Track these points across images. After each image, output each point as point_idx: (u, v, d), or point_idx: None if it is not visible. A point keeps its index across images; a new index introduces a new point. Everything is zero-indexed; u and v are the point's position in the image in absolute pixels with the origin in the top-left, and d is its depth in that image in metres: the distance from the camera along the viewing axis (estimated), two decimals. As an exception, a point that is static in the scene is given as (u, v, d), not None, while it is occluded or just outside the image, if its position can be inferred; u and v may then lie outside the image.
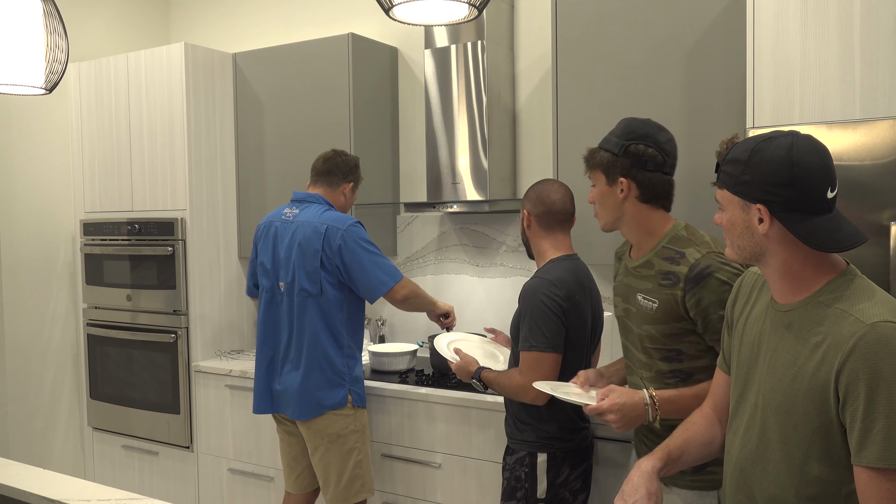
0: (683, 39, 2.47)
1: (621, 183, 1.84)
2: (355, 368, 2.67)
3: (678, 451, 1.54)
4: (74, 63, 3.71)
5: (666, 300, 1.78)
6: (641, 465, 1.49)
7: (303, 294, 2.61)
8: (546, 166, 3.08)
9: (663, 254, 1.83)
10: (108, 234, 3.60)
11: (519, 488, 2.17)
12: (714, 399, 1.60)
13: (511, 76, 3.17)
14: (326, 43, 3.28)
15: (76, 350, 3.83)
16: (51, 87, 1.58)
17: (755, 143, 1.30)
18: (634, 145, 1.83)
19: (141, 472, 3.61)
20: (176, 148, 3.39)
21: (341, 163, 2.75)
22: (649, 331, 1.83)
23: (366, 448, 2.68)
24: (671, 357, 1.83)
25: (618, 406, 1.74)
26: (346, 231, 2.58)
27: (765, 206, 1.27)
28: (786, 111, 2.12)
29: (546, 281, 2.10)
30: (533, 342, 2.07)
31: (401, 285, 2.63)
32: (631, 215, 1.86)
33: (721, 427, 1.57)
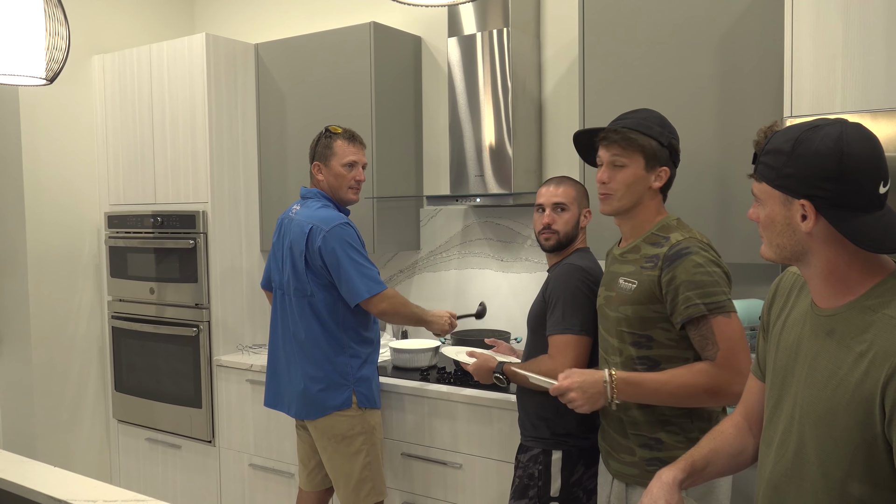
0: (716, 24, 2.35)
1: (660, 172, 1.85)
2: (359, 369, 2.58)
3: (703, 461, 1.44)
4: (99, 55, 3.70)
5: (645, 281, 1.79)
6: (662, 476, 1.40)
7: (298, 294, 2.56)
8: (572, 158, 2.97)
9: (651, 239, 1.84)
10: (131, 227, 3.60)
11: (531, 486, 2.12)
12: (746, 407, 1.49)
13: (537, 65, 3.07)
14: (348, 32, 3.22)
15: (101, 342, 3.84)
16: (52, 77, 1.54)
17: (799, 133, 1.18)
18: (675, 140, 1.87)
19: (164, 465, 3.61)
20: (198, 140, 3.36)
21: (309, 149, 2.65)
22: (625, 312, 1.82)
23: (375, 450, 2.60)
24: (641, 343, 1.82)
25: (577, 384, 1.77)
26: (329, 232, 2.46)
27: (809, 202, 1.16)
28: (826, 99, 1.99)
29: (577, 267, 2.11)
30: (567, 325, 2.05)
31: (380, 298, 2.48)
32: (646, 203, 1.87)
33: (753, 437, 1.46)
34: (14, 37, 1.44)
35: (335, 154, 2.58)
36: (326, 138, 2.60)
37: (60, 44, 1.48)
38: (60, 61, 1.50)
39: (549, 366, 2.05)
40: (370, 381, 2.61)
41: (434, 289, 3.41)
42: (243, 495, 3.35)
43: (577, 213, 2.20)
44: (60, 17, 1.49)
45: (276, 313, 2.68)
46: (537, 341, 2.17)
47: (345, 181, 2.60)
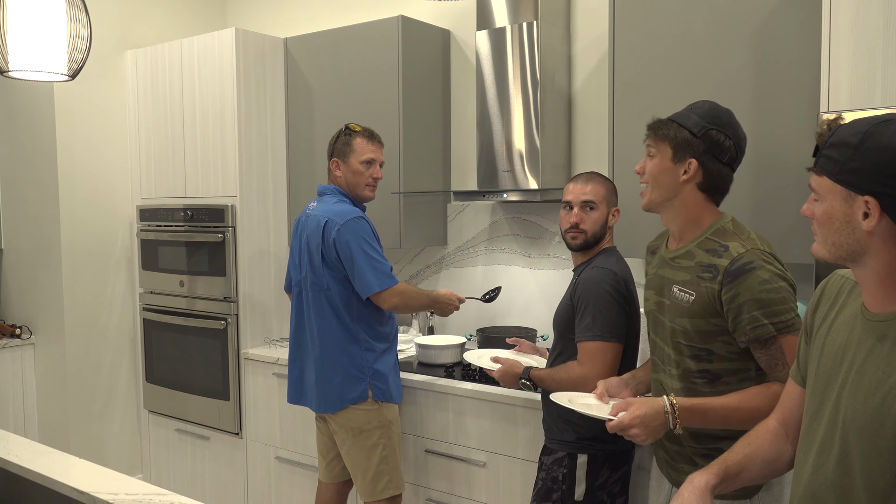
0: (751, 16, 2.28)
1: (689, 164, 1.71)
2: (376, 363, 2.59)
3: (737, 466, 1.39)
4: (132, 50, 3.74)
5: (703, 293, 1.67)
6: (694, 480, 1.35)
7: (315, 288, 2.58)
8: (602, 154, 2.93)
9: (706, 245, 1.71)
10: (162, 220, 3.64)
11: (555, 489, 2.09)
12: (783, 412, 1.43)
13: (567, 58, 3.01)
14: (377, 26, 3.20)
15: (133, 334, 3.89)
16: (74, 72, 1.54)
17: (868, 126, 1.12)
18: (716, 131, 1.71)
19: (193, 456, 3.65)
20: (227, 134, 3.38)
21: (328, 146, 2.68)
22: (683, 325, 1.71)
23: (392, 444, 2.61)
24: (701, 356, 1.71)
25: (639, 419, 1.63)
26: (344, 225, 2.49)
27: (874, 199, 1.10)
28: (865, 93, 1.92)
29: (608, 271, 2.06)
30: (597, 332, 2.00)
31: (390, 293, 2.50)
32: (684, 200, 1.74)
33: (790, 443, 1.41)
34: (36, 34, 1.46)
35: (354, 151, 2.61)
36: (346, 136, 2.63)
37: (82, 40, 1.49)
38: (82, 57, 1.51)
39: (578, 373, 2.02)
40: (387, 376, 2.62)
41: (460, 284, 3.39)
42: (269, 488, 3.37)
43: (606, 213, 2.14)
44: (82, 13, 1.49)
45: (296, 310, 2.71)
46: (564, 344, 2.13)
47: (362, 178, 2.62)
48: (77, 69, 1.53)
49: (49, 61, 1.48)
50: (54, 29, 1.47)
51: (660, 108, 2.46)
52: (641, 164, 1.79)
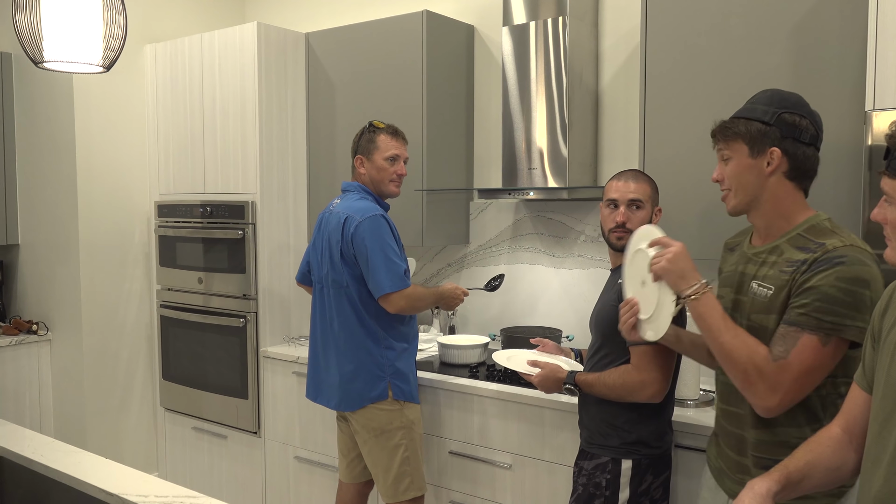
0: (791, 10, 2.23)
1: (771, 154, 1.62)
2: (396, 361, 2.56)
3: (799, 473, 1.33)
4: (151, 44, 3.71)
5: (782, 286, 1.57)
6: (755, 487, 1.30)
7: (335, 285, 2.56)
8: (631, 152, 2.88)
9: (797, 242, 1.60)
10: (181, 217, 3.60)
11: (597, 495, 2.03)
12: (847, 419, 1.37)
13: (594, 55, 2.96)
14: (400, 21, 3.16)
15: (150, 331, 3.86)
16: (108, 64, 1.51)
17: None
18: (788, 114, 1.62)
19: (210, 454, 3.62)
20: (248, 130, 3.34)
21: (351, 145, 2.67)
22: (760, 321, 1.61)
23: (414, 445, 2.58)
24: None
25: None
26: (362, 222, 2.47)
27: None
28: (913, 91, 1.87)
29: None
30: None
31: (399, 296, 2.46)
32: (773, 193, 1.64)
33: (854, 451, 1.35)
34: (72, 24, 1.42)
35: (378, 148, 2.59)
36: (370, 132, 2.62)
37: (117, 31, 1.45)
38: (117, 49, 1.48)
39: (636, 378, 1.97)
40: (407, 376, 2.59)
41: (483, 284, 3.34)
42: (288, 487, 3.33)
43: (650, 212, 2.09)
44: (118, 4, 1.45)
45: (316, 307, 2.69)
46: (611, 347, 2.07)
47: (387, 174, 2.61)
48: (113, 60, 1.50)
49: (84, 52, 1.44)
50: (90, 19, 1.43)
51: (693, 106, 2.42)
52: (718, 172, 1.71)
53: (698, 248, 2.45)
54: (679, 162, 2.46)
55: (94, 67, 1.52)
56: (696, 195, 2.44)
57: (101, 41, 1.45)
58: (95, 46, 1.46)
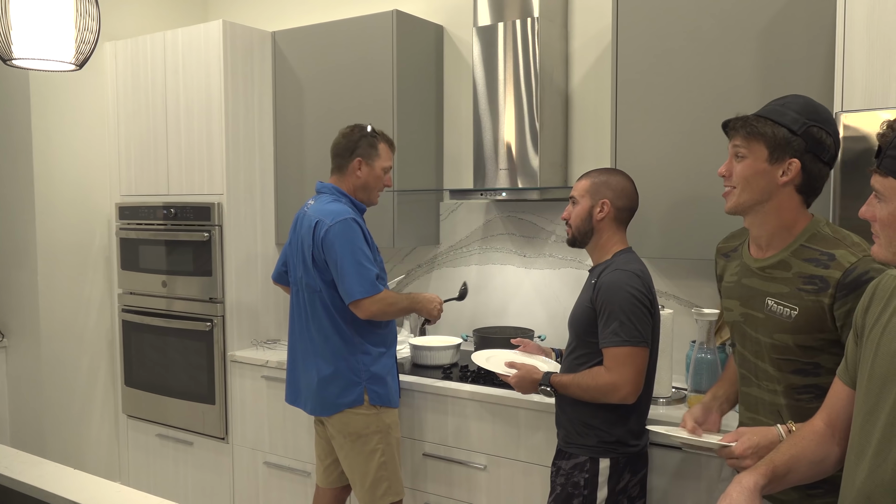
0: (761, 12, 2.27)
1: (789, 164, 1.59)
2: (372, 366, 2.52)
3: (785, 467, 1.37)
4: (111, 42, 3.61)
5: (809, 308, 1.57)
6: (742, 481, 1.32)
7: (309, 289, 2.52)
8: (601, 153, 2.90)
9: (803, 254, 1.61)
10: (143, 219, 3.51)
11: (576, 495, 2.04)
12: (829, 412, 1.41)
13: (564, 55, 2.98)
14: (369, 20, 3.13)
15: (111, 336, 3.76)
16: (81, 62, 1.45)
17: None
18: (817, 128, 1.59)
19: (175, 462, 3.54)
20: (213, 130, 3.27)
21: (344, 142, 2.58)
22: (784, 340, 1.62)
23: (391, 449, 2.55)
24: (807, 370, 1.62)
25: (752, 450, 1.53)
26: (332, 226, 2.42)
27: None
28: (880, 93, 1.91)
29: (630, 273, 2.01)
30: (625, 336, 1.95)
31: (371, 301, 2.40)
32: (779, 204, 1.62)
33: (837, 444, 1.39)
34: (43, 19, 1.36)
35: (379, 156, 2.58)
36: (372, 137, 2.58)
37: (91, 25, 1.40)
38: (91, 45, 1.42)
39: (607, 379, 1.97)
40: (384, 380, 2.55)
41: (453, 284, 3.33)
42: (257, 494, 3.28)
43: (588, 205, 2.10)
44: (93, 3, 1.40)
45: (293, 309, 2.65)
46: (586, 349, 2.07)
47: (380, 183, 2.60)
48: (86, 57, 1.44)
49: (56, 49, 1.39)
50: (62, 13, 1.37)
51: (664, 106, 2.44)
52: (727, 167, 1.67)
53: (667, 246, 2.49)
54: (651, 161, 2.48)
55: (67, 65, 1.45)
56: (667, 194, 2.46)
57: (74, 37, 1.40)
58: (67, 43, 1.40)
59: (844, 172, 1.92)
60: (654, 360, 2.11)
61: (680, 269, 2.77)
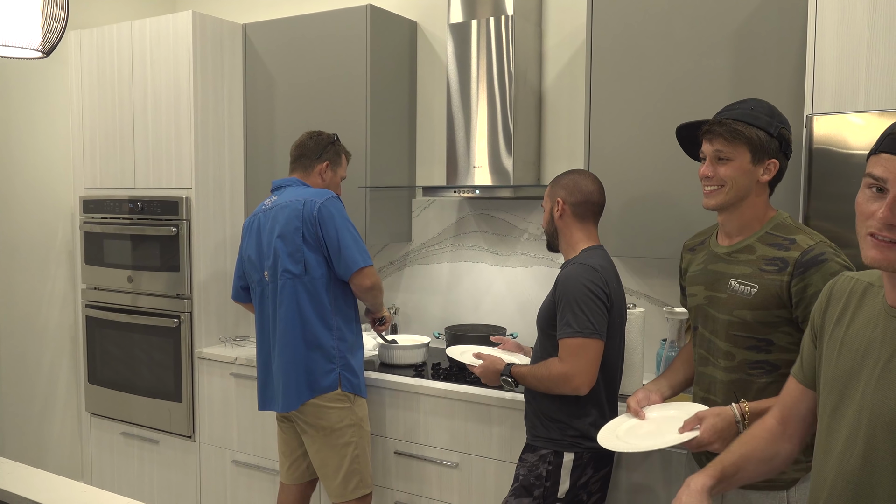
0: (732, 14, 2.29)
1: (769, 164, 1.73)
2: (347, 354, 2.54)
3: (733, 467, 1.41)
4: (76, 31, 3.52)
5: (769, 286, 1.68)
6: (691, 484, 1.36)
7: (286, 276, 2.51)
8: (574, 151, 2.91)
9: (768, 240, 1.73)
10: (108, 213, 3.44)
11: (537, 486, 2.06)
12: (782, 410, 1.44)
13: (538, 54, 2.98)
14: (342, 14, 3.10)
15: (74, 332, 3.68)
16: (48, 49, 1.41)
17: None
18: (785, 130, 1.74)
19: (140, 460, 3.47)
20: (181, 123, 3.21)
21: (313, 144, 2.64)
22: (743, 316, 1.72)
23: (363, 442, 2.57)
24: (760, 347, 1.72)
25: (716, 436, 1.65)
26: (324, 203, 2.49)
27: None
28: (849, 97, 1.95)
29: (587, 267, 2.03)
30: (577, 328, 1.97)
31: (371, 271, 2.53)
32: (755, 198, 1.75)
33: (788, 441, 1.42)
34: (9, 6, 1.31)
35: (341, 165, 2.71)
36: (338, 146, 2.69)
37: (59, 13, 1.35)
38: (59, 32, 1.38)
39: (559, 369, 2.00)
40: (356, 370, 2.57)
41: (425, 282, 3.33)
42: (225, 492, 3.23)
43: (549, 208, 2.16)
44: (59, -17, 1.36)
45: (260, 313, 2.62)
46: (547, 342, 2.10)
47: (337, 190, 2.69)
48: (53, 45, 1.40)
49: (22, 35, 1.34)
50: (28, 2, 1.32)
51: (637, 105, 2.46)
52: (710, 169, 1.75)
53: (639, 245, 2.50)
54: (624, 161, 2.50)
55: (33, 52, 1.41)
56: (639, 193, 2.48)
57: (41, 24, 1.35)
58: (34, 30, 1.35)
59: (814, 174, 1.96)
60: (618, 355, 2.14)
61: (651, 268, 2.79)
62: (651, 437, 1.76)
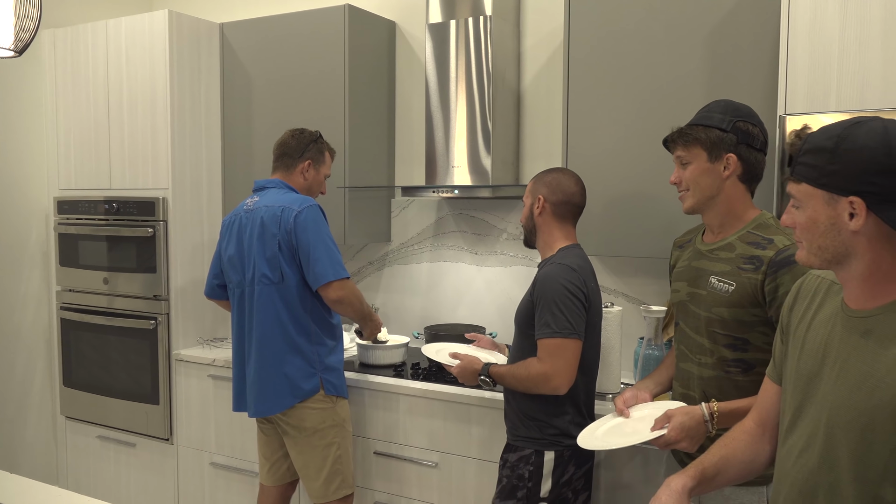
0: (707, 16, 2.32)
1: (727, 159, 1.76)
2: (327, 357, 2.54)
3: (714, 468, 1.42)
4: (49, 29, 3.47)
5: (745, 283, 1.72)
6: (671, 484, 1.37)
7: (264, 282, 2.49)
8: (552, 151, 2.93)
9: (748, 238, 1.76)
10: (83, 213, 3.40)
11: (521, 487, 2.06)
12: (760, 412, 1.45)
13: (516, 54, 3.00)
14: (321, 14, 3.09)
15: (48, 335, 3.63)
16: (21, 48, 1.39)
17: (841, 129, 1.15)
18: (742, 122, 1.76)
19: (117, 464, 3.44)
20: (158, 123, 3.19)
21: (294, 143, 2.62)
22: (721, 314, 1.76)
23: (346, 443, 2.57)
24: (737, 345, 1.76)
25: (684, 435, 1.68)
26: (301, 212, 2.46)
27: (860, 198, 1.12)
28: (821, 98, 1.98)
29: (565, 266, 2.04)
30: (556, 328, 1.98)
31: (339, 285, 2.45)
32: (727, 195, 1.78)
33: (767, 443, 1.43)
34: (-21, 3, 1.29)
35: (324, 163, 2.68)
36: (320, 144, 2.67)
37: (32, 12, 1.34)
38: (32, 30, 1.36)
39: (539, 369, 2.01)
40: (338, 370, 2.57)
41: (405, 282, 3.33)
42: (203, 495, 3.21)
43: (529, 204, 2.17)
44: (32, -19, 1.34)
45: (237, 315, 2.61)
46: (525, 342, 2.11)
47: (320, 188, 2.70)
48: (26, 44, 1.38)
49: (-7, 34, 1.32)
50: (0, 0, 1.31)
51: (615, 105, 2.48)
52: (676, 175, 1.84)
53: (615, 243, 2.53)
54: (602, 160, 2.52)
55: (5, 52, 1.39)
56: (616, 192, 2.50)
57: (13, 23, 1.33)
58: (6, 28, 1.33)
59: (785, 178, 1.99)
60: (595, 354, 2.15)
61: (628, 267, 2.81)
62: (627, 436, 1.78)
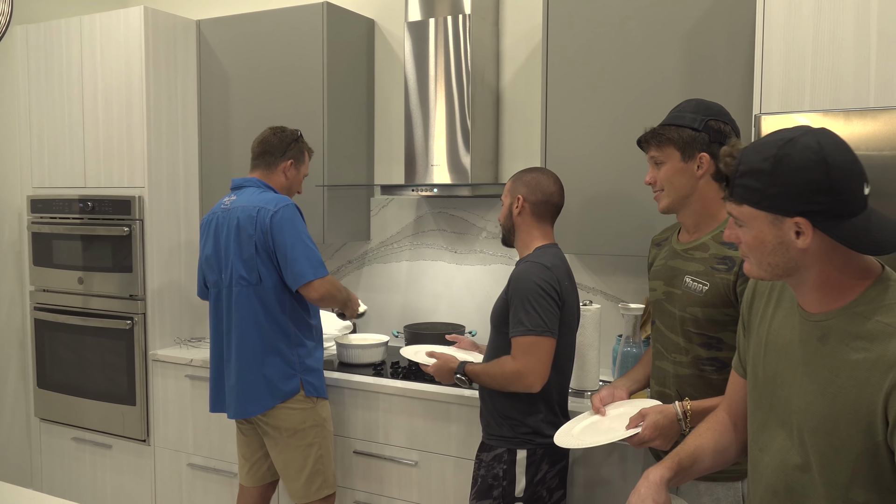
0: (685, 16, 2.34)
1: (700, 159, 1.77)
2: (307, 358, 2.53)
3: (690, 459, 1.44)
4: (22, 25, 3.42)
5: (718, 284, 1.73)
6: (649, 476, 1.39)
7: (241, 283, 2.48)
8: (531, 150, 2.94)
9: (721, 238, 1.74)
10: (57, 212, 3.35)
11: (496, 486, 2.07)
12: (730, 403, 1.49)
13: (495, 53, 3.00)
14: (299, 12, 3.07)
15: (22, 336, 3.57)
16: (-9, 44, 1.36)
17: (776, 149, 1.14)
18: (714, 121, 1.77)
19: (93, 466, 3.40)
20: (133, 121, 3.15)
21: (276, 141, 2.59)
22: (695, 313, 1.77)
23: (327, 442, 2.56)
24: (711, 344, 1.77)
25: (658, 433, 1.68)
26: (277, 212, 2.44)
27: (805, 218, 1.13)
28: (795, 97, 2.00)
29: (539, 265, 2.05)
30: (529, 325, 1.99)
31: (320, 283, 2.44)
32: (701, 194, 1.79)
33: (737, 433, 1.46)
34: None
35: (304, 163, 2.67)
36: (301, 143, 2.64)
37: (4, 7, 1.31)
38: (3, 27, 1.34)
39: (512, 367, 2.01)
40: (318, 371, 2.57)
41: (384, 281, 3.32)
42: (180, 496, 3.18)
43: (508, 203, 2.17)
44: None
45: (215, 314, 2.59)
46: (500, 340, 2.11)
47: (298, 188, 2.69)
48: (-2, 39, 1.36)
49: (-37, 29, 1.30)
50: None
51: (593, 104, 2.49)
52: (651, 176, 1.85)
53: (593, 242, 2.54)
54: (579, 159, 2.53)
55: (-25, 46, 1.36)
56: (594, 190, 2.51)
57: (-17, 17, 1.31)
58: (-24, 23, 1.31)
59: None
60: (570, 352, 2.16)
61: (606, 265, 2.83)
62: (603, 434, 1.79)
